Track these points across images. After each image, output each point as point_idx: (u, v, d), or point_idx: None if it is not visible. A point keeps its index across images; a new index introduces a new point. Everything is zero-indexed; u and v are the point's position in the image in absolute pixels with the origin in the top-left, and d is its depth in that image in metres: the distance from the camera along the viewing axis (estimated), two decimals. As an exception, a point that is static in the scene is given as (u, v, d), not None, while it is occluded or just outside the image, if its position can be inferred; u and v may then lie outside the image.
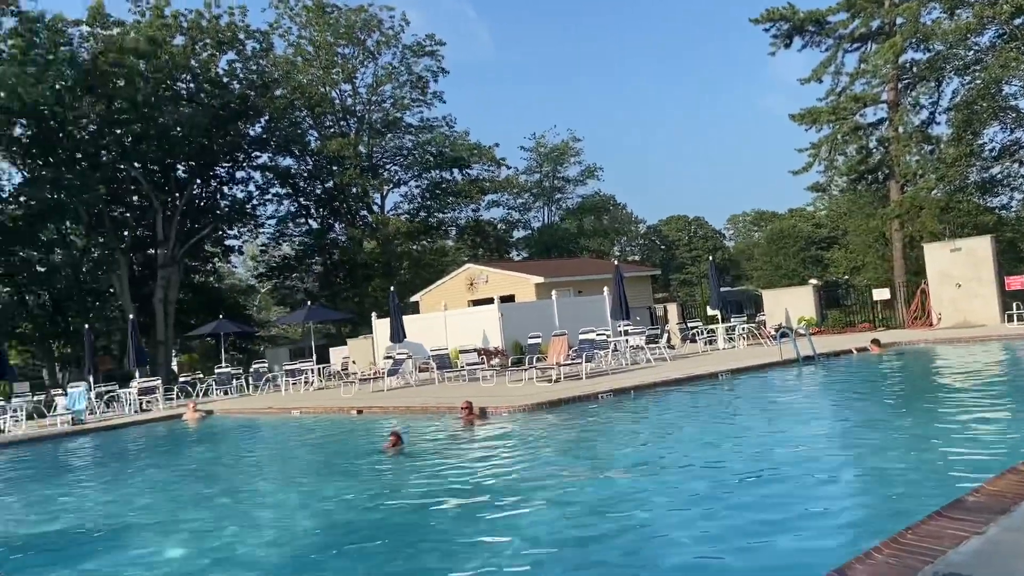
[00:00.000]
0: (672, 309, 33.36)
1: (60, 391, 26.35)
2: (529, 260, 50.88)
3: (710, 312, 30.18)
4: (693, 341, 26.46)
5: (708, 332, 25.91)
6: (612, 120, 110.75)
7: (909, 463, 8.32)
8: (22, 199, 36.69)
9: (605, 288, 28.22)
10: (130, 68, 34.93)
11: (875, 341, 19.56)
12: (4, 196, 39.05)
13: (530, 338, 22.48)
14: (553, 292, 27.84)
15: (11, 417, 22.47)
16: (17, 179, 38.48)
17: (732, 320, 26.01)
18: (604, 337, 20.79)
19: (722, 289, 42.89)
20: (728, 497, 7.58)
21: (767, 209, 72.79)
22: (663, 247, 72.95)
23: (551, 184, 58.86)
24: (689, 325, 28.30)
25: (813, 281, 30.26)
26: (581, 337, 20.10)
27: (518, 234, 58.19)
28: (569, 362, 19.09)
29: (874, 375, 16.62)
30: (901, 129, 31.68)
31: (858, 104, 32.30)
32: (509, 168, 52.51)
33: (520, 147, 58.57)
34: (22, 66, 29.74)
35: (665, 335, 25.76)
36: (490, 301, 29.24)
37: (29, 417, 23.48)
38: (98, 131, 36.66)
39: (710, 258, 28.02)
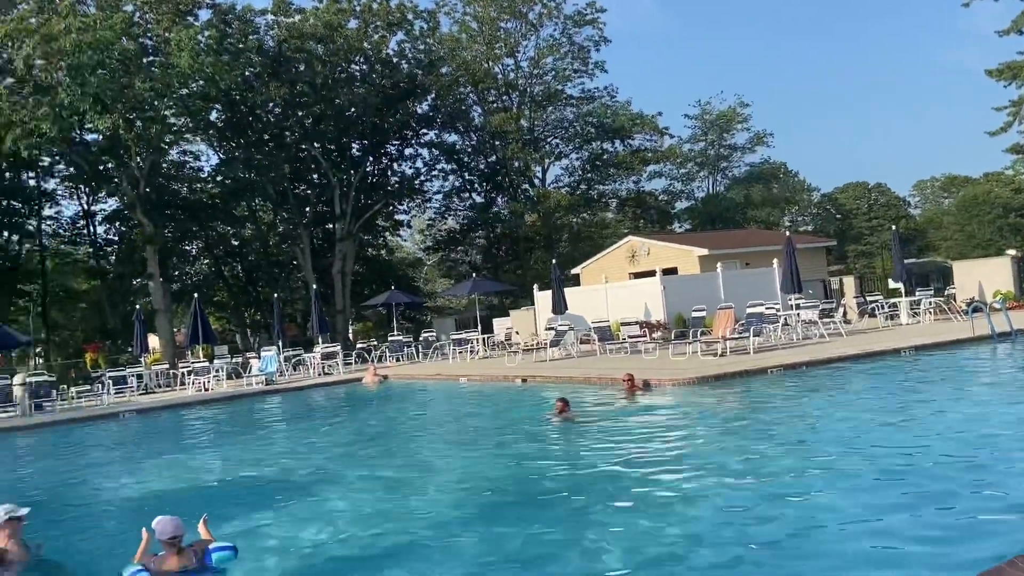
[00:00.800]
0: (849, 282, 31.40)
1: (253, 355, 28.86)
2: (692, 232, 49.55)
3: (892, 285, 28.14)
4: (872, 316, 24.80)
5: (890, 306, 24.19)
6: (783, 82, 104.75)
7: None
8: (219, 178, 40.16)
9: (775, 260, 26.97)
10: (309, 53, 37.13)
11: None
12: (204, 176, 43.03)
13: (694, 311, 21.97)
14: (718, 264, 26.99)
15: (213, 377, 24.88)
16: (214, 160, 42.25)
17: (917, 293, 24.11)
18: (774, 311, 19.93)
19: (906, 261, 39.80)
20: (910, 484, 7.06)
21: (959, 174, 66.54)
22: (839, 216, 68.55)
23: (716, 152, 56.80)
24: (868, 299, 26.51)
25: (1012, 251, 27.40)
26: (749, 310, 19.38)
27: (680, 205, 56.81)
28: (736, 336, 18.49)
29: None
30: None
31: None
32: (672, 137, 51.16)
33: (684, 115, 56.73)
34: (217, 55, 32.35)
35: (841, 309, 24.33)
36: (651, 274, 28.79)
37: (228, 377, 25.91)
38: (282, 114, 39.34)
39: (893, 227, 26.02)
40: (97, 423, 18.87)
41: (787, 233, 21.87)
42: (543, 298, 30.70)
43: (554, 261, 27.21)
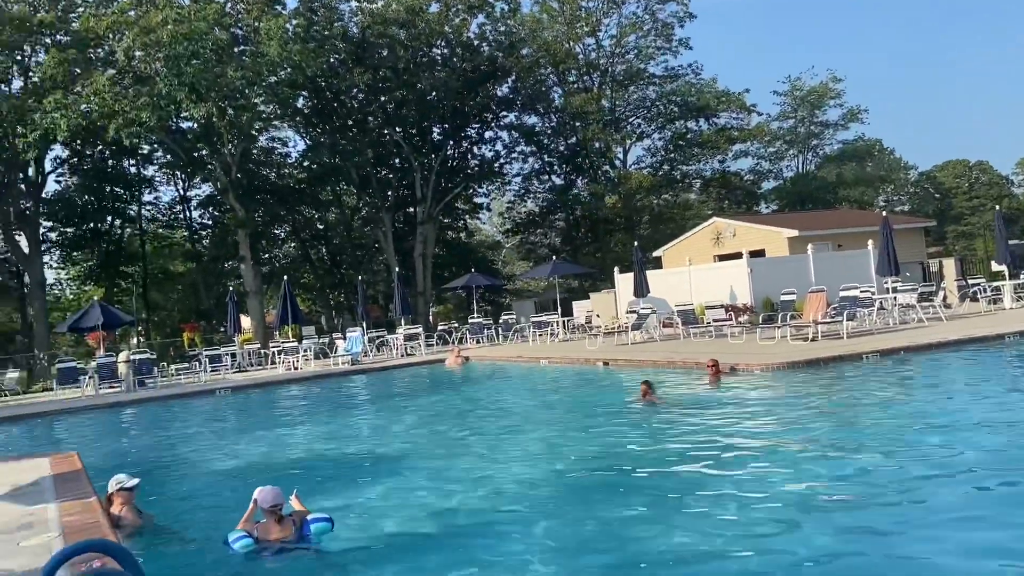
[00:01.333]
0: (949, 264, 29.90)
1: (339, 335, 29.63)
2: (779, 213, 48.06)
3: (995, 268, 26.67)
4: (975, 300, 23.57)
5: (992, 290, 22.93)
6: (878, 56, 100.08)
7: None
8: (306, 163, 41.24)
9: (869, 242, 25.90)
10: (392, 38, 37.61)
11: None
12: (291, 161, 44.27)
13: (783, 294, 21.33)
14: (809, 246, 26.11)
15: (302, 356, 25.66)
16: (300, 146, 43.41)
17: (1022, 276, 22.77)
18: (868, 294, 19.16)
19: (1011, 242, 37.60)
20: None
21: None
22: (937, 196, 65.36)
23: (807, 130, 54.83)
24: (970, 282, 25.19)
25: None
26: (842, 294, 18.68)
27: (767, 185, 55.16)
28: (828, 320, 17.87)
29: None
30: None
31: None
32: (760, 115, 49.55)
33: (773, 92, 54.89)
34: (304, 43, 33.14)
35: (941, 293, 23.22)
36: (737, 256, 28.08)
37: (315, 357, 26.68)
38: (365, 99, 40.04)
39: (996, 207, 24.61)
40: (196, 399, 19.75)
41: (883, 213, 20.92)
42: (624, 281, 30.38)
43: (636, 243, 26.89)
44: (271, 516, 6.45)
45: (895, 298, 20.30)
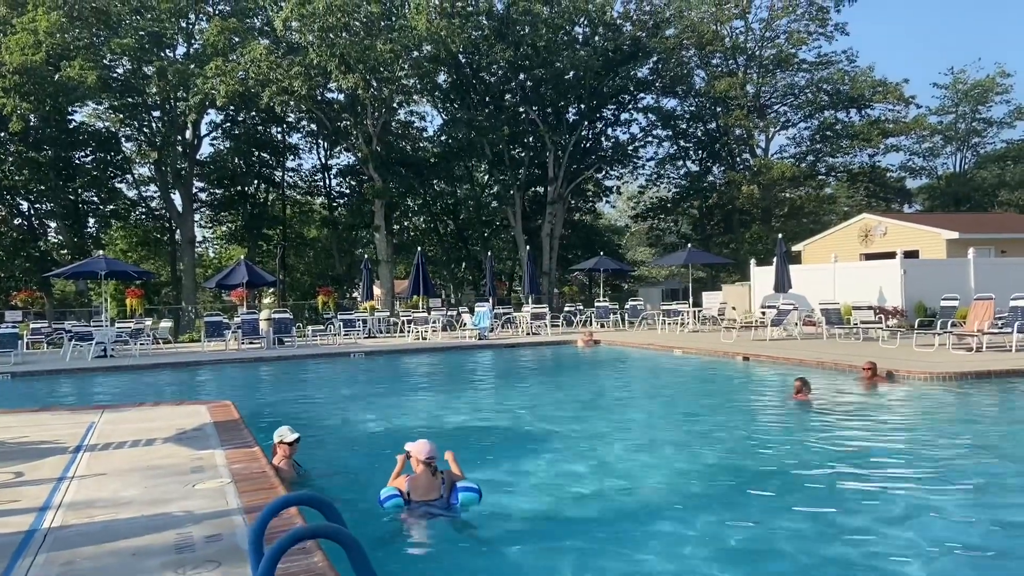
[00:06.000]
0: None
1: (465, 308, 29.97)
2: (930, 212, 44.83)
3: None
4: None
5: None
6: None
7: None
8: (443, 138, 41.82)
9: (1040, 249, 23.78)
10: (535, 15, 37.38)
11: None
12: (427, 135, 45.04)
13: (944, 300, 19.79)
14: (970, 250, 24.14)
15: (431, 327, 26.09)
16: (437, 121, 44.03)
17: None
18: (1043, 306, 17.44)
19: None
20: None
21: None
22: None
23: (967, 126, 50.78)
24: None
25: None
26: (1012, 303, 17.08)
27: (913, 183, 51.57)
28: (995, 331, 16.41)
29: None
30: None
31: None
32: (919, 107, 46.12)
33: (933, 84, 51.15)
34: (449, 18, 33.46)
35: None
36: (887, 256, 26.37)
37: (443, 329, 27.08)
38: (504, 76, 40.08)
39: None
40: (332, 360, 20.42)
41: (1066, 219, 19.00)
42: (760, 274, 29.18)
43: (780, 236, 25.72)
44: (427, 468, 6.40)
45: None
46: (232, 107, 38.47)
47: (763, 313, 24.06)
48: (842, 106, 44.09)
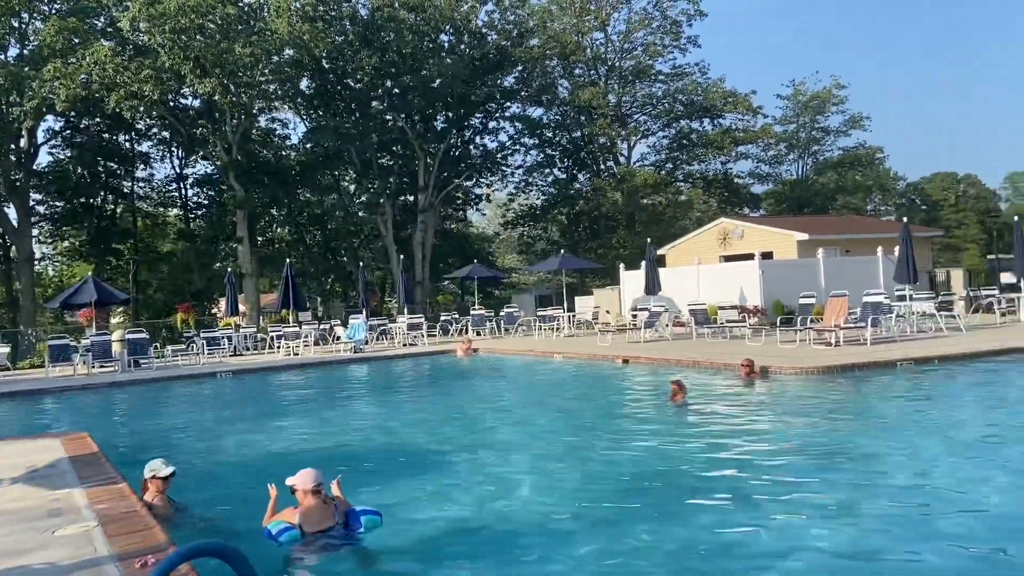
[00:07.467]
0: (956, 275, 29.77)
1: (337, 321, 28.99)
2: (782, 215, 47.80)
3: (1005, 280, 26.57)
4: (988, 311, 23.37)
5: (1007, 301, 22.76)
6: (877, 66, 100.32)
7: None
8: (308, 146, 40.44)
9: (879, 248, 25.73)
10: (401, 22, 36.87)
11: None
12: (291, 143, 43.47)
13: (802, 297, 21.00)
14: (819, 250, 25.81)
15: (303, 342, 25.04)
16: (300, 128, 42.57)
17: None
18: (888, 301, 18.85)
19: (998, 257, 37.57)
20: None
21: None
22: (924, 207, 65.51)
23: (808, 135, 54.59)
24: (984, 293, 24.99)
25: None
26: (865, 299, 18.34)
27: (760, 188, 54.81)
28: (851, 325, 17.53)
29: None
30: None
31: None
32: (766, 117, 49.13)
33: (776, 95, 54.58)
34: (313, 23, 32.40)
35: (960, 302, 23.05)
36: (744, 257, 27.81)
37: (316, 343, 26.07)
38: (370, 83, 39.25)
39: (1016, 217, 24.30)
40: (196, 381, 19.12)
41: (904, 220, 20.65)
42: (629, 278, 30.01)
43: (649, 240, 26.51)
44: (315, 498, 5.93)
45: (911, 306, 20.06)
46: (74, 113, 35.58)
47: (634, 316, 24.69)
48: (696, 116, 46.30)
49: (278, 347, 25.11)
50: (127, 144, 42.06)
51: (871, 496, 6.72)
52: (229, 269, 32.36)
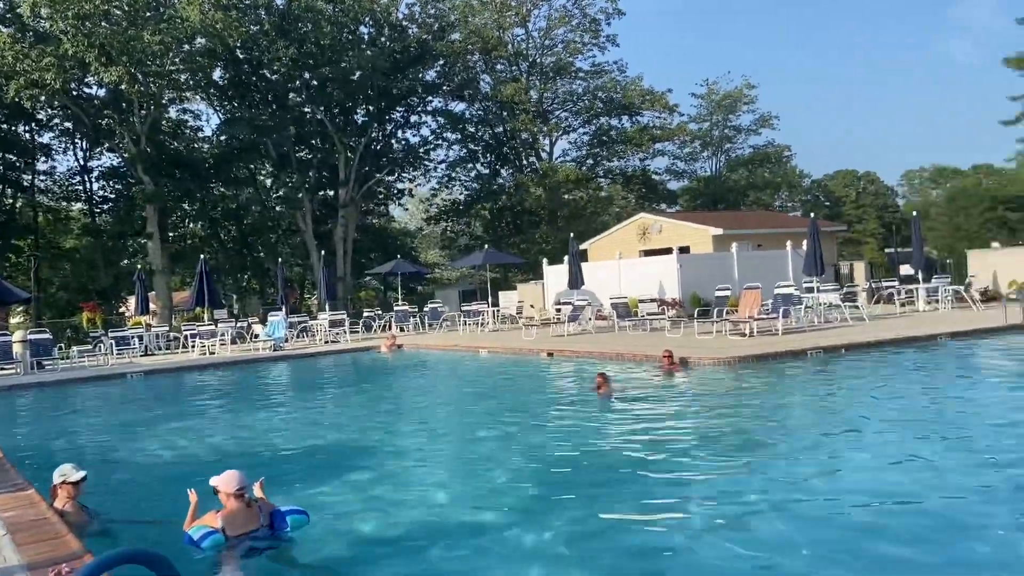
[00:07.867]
0: (859, 267, 31.23)
1: (255, 319, 28.28)
2: (698, 211, 49.11)
3: (905, 271, 28.00)
4: (889, 302, 24.63)
5: (906, 292, 24.04)
6: (786, 65, 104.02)
7: None
8: (222, 138, 39.20)
9: (788, 243, 26.72)
10: (319, 12, 36.12)
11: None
12: (204, 135, 42.03)
13: (718, 290, 21.64)
14: (733, 245, 26.64)
15: (219, 340, 24.31)
16: (214, 120, 41.22)
17: (934, 281, 23.91)
18: (798, 293, 19.65)
19: (896, 250, 39.68)
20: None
21: (949, 165, 66.30)
22: (828, 203, 68.45)
23: (720, 133, 56.24)
24: (885, 284, 26.31)
25: (995, 244, 27.52)
26: (776, 291, 19.05)
27: (676, 184, 56.20)
28: (763, 317, 18.19)
29: None
30: None
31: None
32: (682, 115, 50.37)
33: (691, 94, 56.02)
34: (226, 11, 31.41)
35: (864, 293, 24.20)
36: (663, 252, 28.45)
37: (232, 341, 25.34)
38: (288, 74, 38.34)
39: (914, 212, 25.70)
40: (105, 383, 18.34)
41: (811, 215, 21.56)
42: (552, 272, 30.31)
43: (572, 235, 26.81)
44: (238, 501, 5.79)
45: (818, 297, 20.97)
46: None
47: (558, 310, 24.96)
48: (615, 113, 47.07)
49: (193, 346, 24.32)
50: (27, 135, 39.85)
51: (785, 476, 7.01)
52: (139, 266, 31.13)
